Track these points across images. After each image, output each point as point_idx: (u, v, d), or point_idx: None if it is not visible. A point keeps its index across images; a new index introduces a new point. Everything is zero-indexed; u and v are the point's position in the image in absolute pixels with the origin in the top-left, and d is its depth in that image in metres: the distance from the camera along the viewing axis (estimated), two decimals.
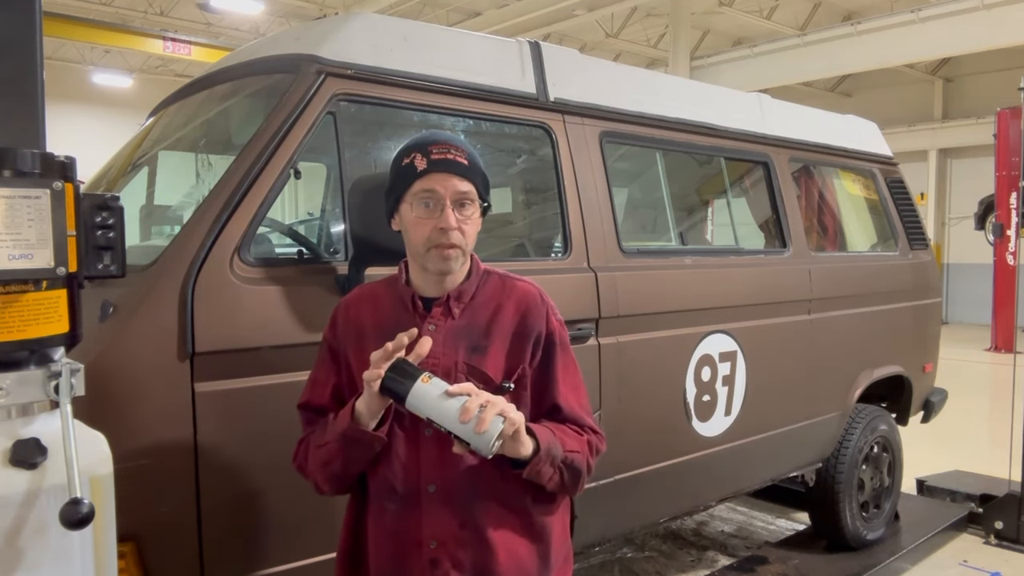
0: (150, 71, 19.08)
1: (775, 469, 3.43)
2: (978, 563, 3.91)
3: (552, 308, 1.57)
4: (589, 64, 2.81)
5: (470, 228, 1.47)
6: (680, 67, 13.47)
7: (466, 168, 1.46)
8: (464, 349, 1.49)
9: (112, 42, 12.75)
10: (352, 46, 2.13)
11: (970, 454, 5.79)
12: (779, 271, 3.31)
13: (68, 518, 1.00)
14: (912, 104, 16.59)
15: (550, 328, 1.54)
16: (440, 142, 1.47)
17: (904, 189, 4.33)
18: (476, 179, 1.48)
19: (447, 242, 1.43)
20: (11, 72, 1.12)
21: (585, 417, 1.56)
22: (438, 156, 1.45)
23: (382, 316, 1.54)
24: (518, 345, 1.51)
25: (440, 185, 1.44)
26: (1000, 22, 10.66)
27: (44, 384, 1.10)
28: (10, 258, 1.04)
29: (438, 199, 1.44)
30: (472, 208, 1.47)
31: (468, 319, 1.51)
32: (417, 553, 1.46)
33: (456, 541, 1.46)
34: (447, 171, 1.44)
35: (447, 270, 1.47)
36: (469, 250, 1.49)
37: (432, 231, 1.43)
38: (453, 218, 1.43)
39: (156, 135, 2.76)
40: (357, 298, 1.61)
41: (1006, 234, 10.78)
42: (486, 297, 1.54)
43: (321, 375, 1.59)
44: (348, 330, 1.56)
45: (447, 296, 1.51)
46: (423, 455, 1.47)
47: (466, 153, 1.48)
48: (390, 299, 1.56)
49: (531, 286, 1.58)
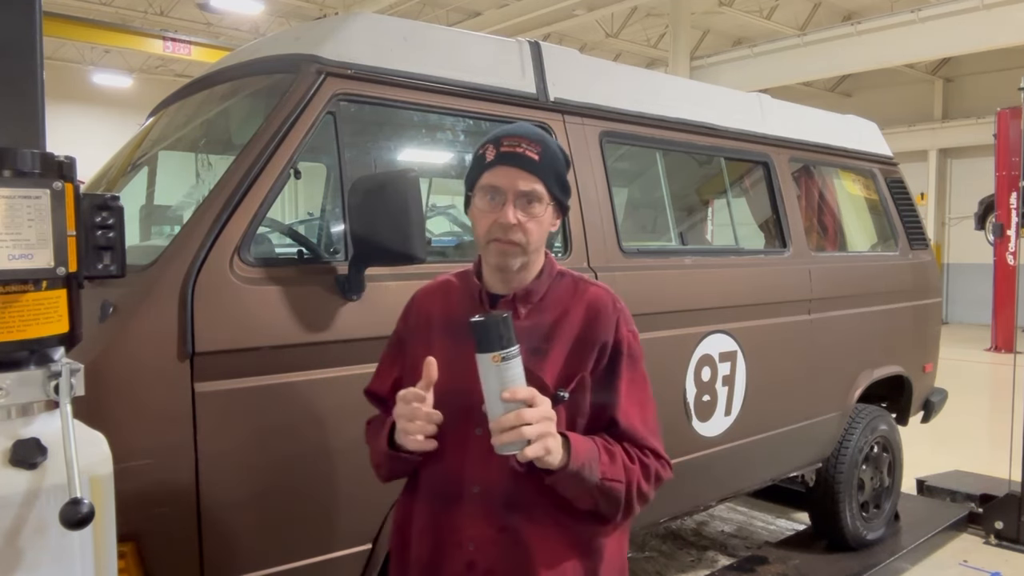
0: (150, 71, 19.09)
1: (775, 469, 3.43)
2: (978, 563, 3.91)
3: (624, 316, 1.50)
4: (589, 64, 2.81)
5: (534, 227, 1.42)
6: (680, 67, 13.47)
7: (534, 164, 1.40)
8: (524, 351, 1.43)
9: (112, 42, 12.75)
10: (352, 46, 2.13)
11: (970, 454, 5.79)
12: (779, 271, 3.31)
13: (68, 518, 1.00)
14: (912, 104, 16.59)
15: (618, 337, 1.47)
16: (513, 135, 1.43)
17: (904, 189, 4.33)
18: (546, 177, 1.42)
19: (505, 238, 1.40)
20: (11, 72, 1.12)
21: (647, 437, 1.47)
22: (507, 149, 1.41)
23: (450, 309, 1.53)
24: (580, 351, 1.45)
25: (504, 180, 1.40)
26: (1000, 22, 10.66)
27: (44, 384, 1.10)
28: (10, 258, 1.04)
29: (501, 194, 1.41)
30: (539, 207, 1.42)
31: (533, 320, 1.47)
32: (455, 553, 1.44)
33: (494, 545, 1.42)
34: (513, 165, 1.40)
35: (504, 266, 1.44)
36: (533, 249, 1.44)
37: (492, 225, 1.41)
38: (512, 215, 1.39)
39: (156, 135, 2.76)
40: (430, 290, 1.60)
41: (1006, 234, 10.78)
42: (555, 299, 1.49)
43: (385, 364, 1.61)
44: (419, 322, 1.56)
45: (513, 295, 1.48)
46: (469, 455, 1.44)
47: (540, 148, 1.42)
48: (461, 292, 1.55)
49: (604, 292, 1.52)
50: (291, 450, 1.89)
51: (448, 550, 1.45)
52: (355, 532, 2.00)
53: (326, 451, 1.94)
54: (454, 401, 1.44)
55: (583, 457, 1.36)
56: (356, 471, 1.98)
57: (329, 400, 1.94)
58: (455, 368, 1.44)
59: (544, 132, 1.52)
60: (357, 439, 1.99)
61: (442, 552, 1.46)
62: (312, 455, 1.92)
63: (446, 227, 3.32)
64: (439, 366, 1.45)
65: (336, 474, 1.96)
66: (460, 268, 1.63)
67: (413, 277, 2.09)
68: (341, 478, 1.96)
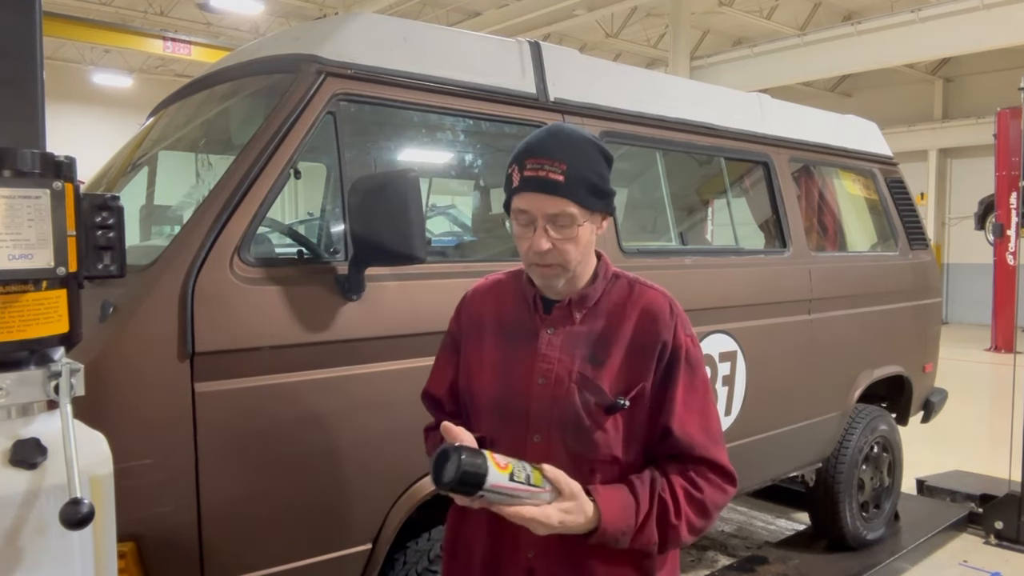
0: (150, 71, 19.09)
1: (775, 469, 3.43)
2: (978, 563, 3.92)
3: (682, 320, 1.45)
4: (589, 64, 2.81)
5: (571, 247, 1.38)
6: (680, 67, 13.47)
7: (559, 186, 1.35)
8: (580, 358, 1.41)
9: (112, 42, 12.75)
10: (352, 46, 2.13)
11: (970, 454, 5.79)
12: (779, 271, 3.31)
13: (68, 518, 1.00)
14: (912, 104, 16.59)
15: (676, 342, 1.42)
16: (536, 156, 1.37)
17: (904, 189, 4.33)
18: (575, 195, 1.36)
19: (542, 263, 1.38)
20: (11, 72, 1.12)
21: (708, 447, 1.41)
22: (530, 174, 1.36)
23: (503, 311, 1.52)
24: (639, 359, 1.41)
25: (532, 206, 1.37)
26: (1000, 22, 10.66)
27: (44, 384, 1.10)
28: (10, 258, 1.04)
29: (531, 219, 1.38)
30: (571, 228, 1.37)
31: (589, 325, 1.44)
32: (514, 558, 1.42)
33: (554, 553, 1.39)
34: (537, 191, 1.36)
35: (548, 287, 1.43)
36: (574, 266, 1.40)
37: (528, 251, 1.39)
38: (545, 241, 1.36)
39: (156, 135, 2.76)
40: (481, 290, 1.59)
41: (1006, 234, 10.78)
42: (611, 303, 1.45)
43: (441, 364, 1.60)
44: (471, 322, 1.55)
45: (568, 300, 1.45)
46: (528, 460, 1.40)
47: (565, 167, 1.35)
48: (513, 294, 1.53)
49: (661, 295, 1.48)
50: (291, 450, 1.88)
51: (507, 555, 1.43)
52: (355, 532, 2.00)
53: (326, 451, 1.94)
54: (510, 405, 1.43)
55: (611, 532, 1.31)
56: (356, 471, 1.99)
57: (329, 400, 1.94)
58: (510, 371, 1.44)
59: (575, 134, 1.43)
60: (357, 439, 1.99)
61: (500, 556, 1.44)
62: (312, 455, 1.92)
63: (446, 227, 3.32)
64: (492, 369, 1.46)
65: (336, 474, 1.96)
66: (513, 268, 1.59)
67: (413, 277, 2.10)
68: (341, 478, 1.96)
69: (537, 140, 1.40)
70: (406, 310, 2.09)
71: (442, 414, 1.59)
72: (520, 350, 1.42)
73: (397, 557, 2.12)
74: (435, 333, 1.77)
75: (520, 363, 1.44)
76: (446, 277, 2.20)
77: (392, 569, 2.11)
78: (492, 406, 1.46)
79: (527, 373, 1.43)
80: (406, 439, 1.94)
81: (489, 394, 1.47)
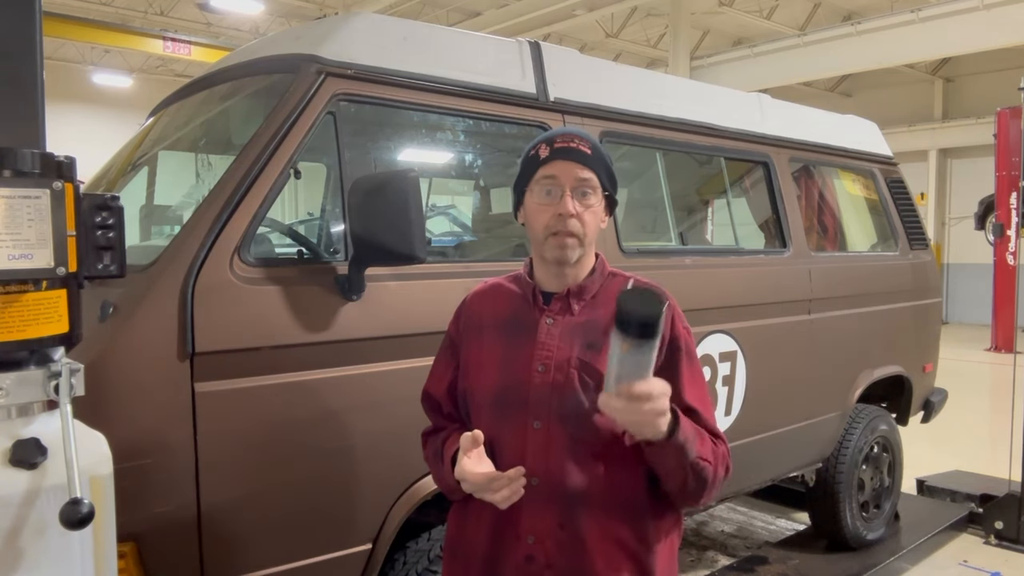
0: (150, 71, 19.08)
1: (775, 469, 3.43)
2: (978, 563, 3.92)
3: (678, 312, 1.52)
4: (589, 64, 2.81)
5: (590, 218, 1.46)
6: (680, 67, 13.47)
7: (588, 157, 1.47)
8: (580, 346, 1.45)
9: (112, 42, 12.75)
10: (352, 46, 2.13)
11: (970, 454, 5.79)
12: (779, 271, 3.31)
13: (68, 518, 1.00)
14: (912, 104, 16.59)
15: (675, 333, 1.48)
16: (565, 133, 1.50)
17: (904, 189, 4.33)
18: (599, 169, 1.48)
19: (565, 229, 1.44)
20: (11, 72, 1.12)
21: (714, 427, 1.49)
22: (561, 144, 1.47)
23: (502, 309, 1.55)
24: None
25: (561, 172, 1.45)
26: (1000, 22, 10.66)
27: (44, 384, 1.10)
28: (10, 258, 1.04)
29: (559, 185, 1.45)
30: (594, 198, 1.47)
31: (587, 316, 1.49)
32: (515, 546, 1.45)
33: (554, 540, 1.43)
34: (569, 159, 1.46)
35: (564, 259, 1.47)
36: (588, 241, 1.48)
37: (551, 218, 1.44)
38: (572, 205, 1.44)
39: (156, 135, 2.76)
40: (479, 293, 1.63)
41: (1006, 234, 10.78)
42: (608, 296, 1.49)
43: (439, 367, 1.63)
44: (470, 324, 1.58)
45: (567, 291, 1.50)
46: (529, 447, 1.44)
47: (590, 144, 1.49)
48: (512, 294, 1.57)
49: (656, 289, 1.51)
50: (291, 450, 1.88)
51: (508, 542, 1.46)
52: (355, 532, 2.00)
53: (326, 451, 1.94)
54: (510, 396, 1.46)
55: (687, 431, 1.37)
56: (356, 471, 1.99)
57: (329, 400, 1.94)
58: (510, 363, 1.48)
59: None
60: (357, 439, 1.99)
61: (502, 544, 1.46)
62: (312, 455, 1.92)
63: (446, 227, 3.32)
64: (493, 364, 1.49)
65: (336, 474, 1.96)
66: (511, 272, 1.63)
67: (413, 277, 2.10)
68: (341, 478, 1.96)
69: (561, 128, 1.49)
70: (406, 310, 2.09)
71: (440, 415, 1.62)
72: (520, 342, 1.45)
73: (397, 557, 2.11)
74: (435, 333, 1.77)
75: (520, 353, 1.48)
76: (446, 277, 2.20)
77: (392, 569, 2.11)
78: (492, 400, 1.48)
79: (527, 362, 1.46)
80: (406, 439, 1.94)
81: (489, 389, 1.49)
